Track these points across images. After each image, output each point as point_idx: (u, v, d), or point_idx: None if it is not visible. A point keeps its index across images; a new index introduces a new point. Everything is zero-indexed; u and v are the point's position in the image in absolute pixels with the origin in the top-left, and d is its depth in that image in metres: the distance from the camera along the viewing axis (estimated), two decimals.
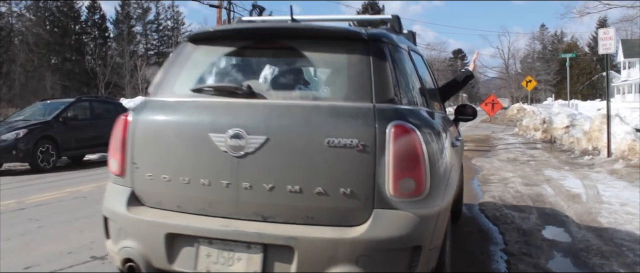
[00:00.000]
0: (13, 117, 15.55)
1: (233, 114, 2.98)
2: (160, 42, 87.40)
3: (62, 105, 14.82)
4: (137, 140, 3.20)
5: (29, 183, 10.74)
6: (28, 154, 13.16)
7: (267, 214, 2.89)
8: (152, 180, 3.13)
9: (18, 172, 13.11)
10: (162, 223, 3.01)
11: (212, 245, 2.93)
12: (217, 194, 2.96)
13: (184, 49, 3.53)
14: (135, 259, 3.07)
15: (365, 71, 2.97)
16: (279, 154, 2.84)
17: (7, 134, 13.11)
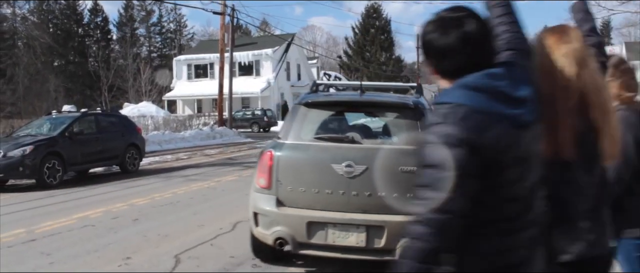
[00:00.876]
0: (20, 131, 15.66)
1: (344, 153, 5.20)
2: (164, 45, 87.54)
3: (68, 120, 14.94)
4: (281, 167, 5.34)
5: (36, 203, 10.84)
6: (35, 171, 13.27)
7: (367, 209, 5.11)
8: (291, 191, 5.30)
9: (24, 188, 13.23)
10: (304, 215, 5.19)
11: (335, 227, 5.13)
12: (336, 198, 5.15)
13: (300, 110, 5.75)
14: (285, 237, 5.23)
15: (415, 125, 5.32)
16: (373, 176, 4.99)
17: (14, 150, 13.21)
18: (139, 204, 10.11)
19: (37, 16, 73.60)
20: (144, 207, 9.78)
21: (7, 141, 14.15)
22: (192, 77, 54.48)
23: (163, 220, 8.57)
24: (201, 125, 32.27)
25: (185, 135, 28.13)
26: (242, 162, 18.15)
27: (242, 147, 26.66)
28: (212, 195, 10.85)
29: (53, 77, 68.25)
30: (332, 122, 5.96)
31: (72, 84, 71.89)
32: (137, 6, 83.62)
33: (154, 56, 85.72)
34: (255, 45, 52.67)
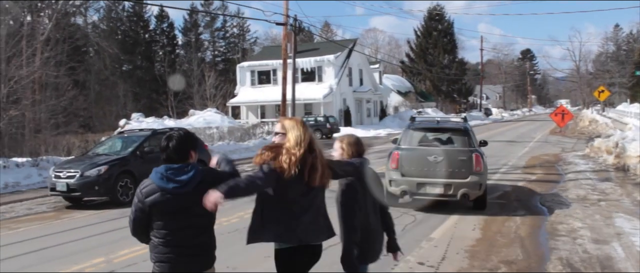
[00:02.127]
0: (95, 150, 16.36)
1: (431, 151, 11.60)
2: (227, 49, 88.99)
3: (139, 139, 15.54)
4: (402, 158, 11.73)
5: (111, 225, 11.36)
6: (109, 189, 13.93)
7: (442, 177, 11.27)
8: (407, 169, 11.63)
9: (98, 204, 13.85)
10: (414, 180, 11.51)
11: (429, 185, 11.47)
12: (428, 172, 11.44)
13: (409, 131, 12.46)
14: (405, 190, 11.58)
15: (467, 139, 11.86)
16: (447, 161, 11.27)
17: (90, 170, 13.89)
18: None
19: (106, 23, 76.14)
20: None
21: (83, 161, 14.83)
22: (255, 83, 55.25)
23: (230, 251, 8.79)
24: (265, 134, 32.76)
25: (250, 144, 28.68)
26: None
27: None
28: None
29: (121, 82, 70.47)
30: (423, 137, 12.37)
31: (139, 88, 73.98)
32: (201, 12, 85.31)
33: (218, 60, 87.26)
34: (318, 51, 53.00)
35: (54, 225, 11.99)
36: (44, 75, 34.00)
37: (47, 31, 38.71)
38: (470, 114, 74.47)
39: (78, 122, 49.21)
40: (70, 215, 13.07)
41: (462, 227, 10.17)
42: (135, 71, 75.50)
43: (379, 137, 44.45)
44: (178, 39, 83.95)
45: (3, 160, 18.49)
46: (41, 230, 11.34)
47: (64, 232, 10.95)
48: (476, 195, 11.38)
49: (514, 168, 19.55)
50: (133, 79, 73.88)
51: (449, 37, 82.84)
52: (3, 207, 14.62)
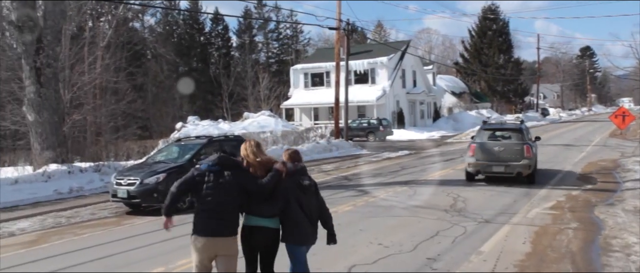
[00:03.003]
0: (153, 157, 16.94)
1: (496, 144, 17.69)
2: (281, 51, 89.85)
3: (196, 147, 16.01)
4: (476, 148, 17.62)
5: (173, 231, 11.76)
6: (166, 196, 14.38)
7: (506, 161, 17.14)
8: (481, 154, 17.51)
9: (157, 211, 14.31)
10: (484, 162, 17.42)
11: (494, 166, 17.31)
12: (495, 157, 17.34)
13: (482, 130, 18.74)
14: (480, 169, 17.65)
15: (521, 135, 17.86)
16: (506, 150, 17.28)
17: (149, 178, 14.43)
18: None
19: (162, 27, 77.91)
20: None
21: (142, 169, 15.38)
22: (308, 86, 55.68)
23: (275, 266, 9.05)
24: (318, 138, 33.09)
25: (303, 149, 29.01)
26: (357, 184, 18.55)
27: (358, 162, 27.12)
28: None
29: (177, 85, 71.98)
30: (491, 134, 18.13)
31: (195, 90, 75.42)
32: (255, 14, 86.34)
33: (272, 62, 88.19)
34: (371, 53, 53.07)
35: (115, 231, 12.52)
36: (105, 80, 35.15)
37: (108, 37, 39.98)
38: (526, 115, 73.25)
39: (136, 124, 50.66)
40: (131, 222, 13.60)
41: (512, 239, 10.19)
42: (190, 73, 76.93)
43: (432, 139, 44.23)
44: (232, 41, 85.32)
45: (68, 166, 19.30)
46: (104, 237, 11.86)
47: (126, 240, 11.43)
48: (527, 172, 17.34)
49: (569, 176, 19.29)
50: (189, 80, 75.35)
51: (505, 37, 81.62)
52: (69, 212, 15.32)
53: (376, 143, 40.28)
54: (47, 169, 18.64)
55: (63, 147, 20.32)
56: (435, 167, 23.18)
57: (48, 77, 19.53)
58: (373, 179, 19.57)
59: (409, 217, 12.23)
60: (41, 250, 10.96)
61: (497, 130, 18.61)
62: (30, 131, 20.53)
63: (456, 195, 14.85)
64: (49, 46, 19.37)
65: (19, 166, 20.90)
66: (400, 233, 10.73)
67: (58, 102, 20.80)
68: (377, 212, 12.83)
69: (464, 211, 12.72)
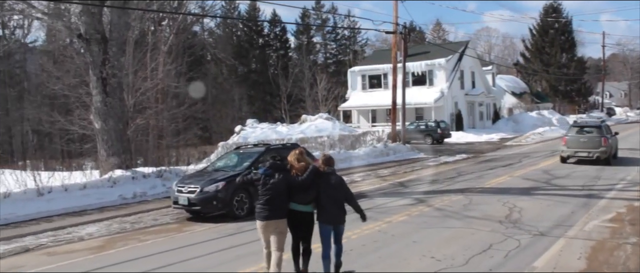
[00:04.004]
0: (213, 165, 17.45)
1: (583, 136, 25.03)
2: (338, 51, 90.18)
3: (254, 155, 16.41)
4: (568, 139, 25.39)
5: (229, 241, 12.23)
6: (226, 204, 14.87)
7: (588, 148, 24.35)
8: (571, 143, 25.09)
9: (216, 218, 14.80)
10: (574, 149, 24.91)
11: (581, 152, 24.57)
12: (581, 146, 24.67)
13: (572, 126, 27.12)
14: (570, 154, 25.13)
15: (600, 130, 25.06)
16: (590, 140, 24.59)
17: (208, 186, 14.90)
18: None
19: (222, 29, 79.32)
20: (314, 260, 9.40)
21: (202, 177, 15.87)
22: (366, 88, 55.81)
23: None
24: (375, 141, 33.21)
25: (360, 153, 29.21)
26: (413, 191, 18.62)
27: (415, 166, 27.14)
28: (382, 241, 11.39)
29: (237, 86, 73.23)
30: (578, 129, 25.72)
31: (254, 91, 76.55)
32: (313, 15, 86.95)
33: (330, 62, 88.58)
34: (428, 54, 52.77)
35: (177, 238, 13.00)
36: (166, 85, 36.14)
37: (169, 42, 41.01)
38: (591, 115, 71.34)
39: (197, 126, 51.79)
40: (192, 228, 14.09)
41: (567, 255, 10.10)
42: (249, 75, 78.13)
43: (491, 142, 43.68)
44: (290, 43, 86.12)
45: (132, 172, 20.04)
46: (166, 244, 12.34)
47: (186, 248, 11.87)
48: (604, 157, 23.91)
49: (633, 184, 18.79)
50: (247, 82, 76.54)
51: (567, 35, 79.74)
52: (133, 217, 15.97)
53: (434, 146, 40.08)
54: (112, 175, 19.41)
55: (127, 153, 21.12)
56: (493, 173, 22.98)
57: (113, 87, 20.36)
58: (429, 186, 19.60)
59: (463, 228, 12.26)
60: (108, 257, 11.52)
61: (583, 126, 26.15)
62: (97, 138, 21.43)
63: (512, 205, 14.73)
64: (114, 57, 20.19)
65: (87, 171, 21.82)
66: (453, 245, 10.80)
67: (122, 111, 21.64)
68: (431, 223, 12.91)
69: (519, 222, 12.64)
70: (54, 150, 42.59)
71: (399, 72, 34.49)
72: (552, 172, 22.23)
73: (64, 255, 11.84)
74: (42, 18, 23.09)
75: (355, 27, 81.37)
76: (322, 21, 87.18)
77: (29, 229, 14.87)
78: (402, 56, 34.44)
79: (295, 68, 72.26)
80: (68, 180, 18.66)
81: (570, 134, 25.45)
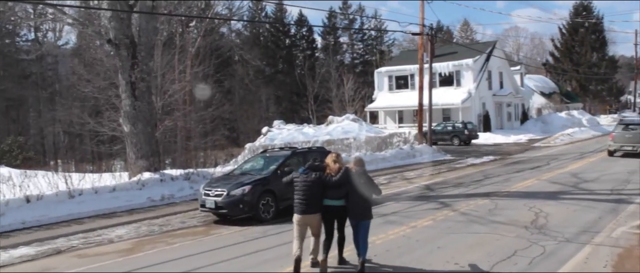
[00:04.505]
0: (241, 167, 17.65)
1: (629, 132, 28.41)
2: (365, 51, 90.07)
3: (280, 159, 16.56)
4: (615, 135, 28.85)
5: (255, 245, 12.38)
6: (252, 207, 15.05)
7: (633, 143, 27.67)
8: (618, 139, 28.48)
9: (243, 221, 14.98)
10: (621, 143, 28.32)
11: (627, 146, 27.89)
12: (628, 141, 27.96)
13: (618, 124, 30.83)
14: (616, 149, 28.50)
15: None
16: (635, 136, 27.84)
17: (235, 189, 15.09)
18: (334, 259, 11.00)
19: (249, 30, 79.77)
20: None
21: (229, 180, 16.06)
22: (393, 88, 55.73)
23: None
24: (402, 143, 33.19)
25: (386, 155, 29.22)
26: (438, 194, 18.61)
27: (441, 168, 27.08)
28: (406, 247, 11.40)
29: (264, 87, 73.63)
30: (625, 126, 29.17)
31: (281, 91, 76.90)
32: (340, 15, 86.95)
33: (357, 62, 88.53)
34: (455, 55, 52.45)
35: (204, 242, 13.20)
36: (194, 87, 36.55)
37: (196, 44, 41.47)
38: (622, 115, 70.27)
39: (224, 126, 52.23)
40: (218, 231, 14.29)
41: (593, 262, 10.03)
42: (276, 75, 78.44)
43: (519, 144, 43.33)
44: (317, 43, 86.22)
45: (160, 175, 20.35)
46: (193, 247, 12.54)
47: (213, 252, 12.04)
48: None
49: None
50: (275, 82, 76.90)
51: (598, 34, 78.62)
52: (161, 220, 16.24)
53: (461, 148, 39.89)
54: (141, 178, 19.73)
55: (156, 156, 21.44)
56: (520, 176, 22.82)
57: (142, 91, 20.68)
58: (454, 189, 19.56)
59: (487, 233, 12.24)
60: (137, 260, 11.76)
61: (628, 124, 29.71)
62: (126, 141, 21.80)
63: (538, 210, 14.64)
64: (142, 62, 20.52)
65: (116, 173, 22.19)
66: (477, 252, 10.81)
67: (151, 114, 21.97)
68: (456, 228, 12.91)
69: (544, 228, 12.56)
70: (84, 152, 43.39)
71: (425, 73, 34.41)
72: (580, 176, 21.99)
73: (94, 258, 12.11)
74: (73, 23, 23.55)
75: (381, 29, 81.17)
76: (349, 21, 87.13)
77: (61, 231, 15.22)
78: (428, 57, 34.35)
79: (322, 68, 72.42)
80: (98, 182, 19.00)
81: (617, 131, 28.83)
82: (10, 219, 15.92)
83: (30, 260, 12.28)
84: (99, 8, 18.74)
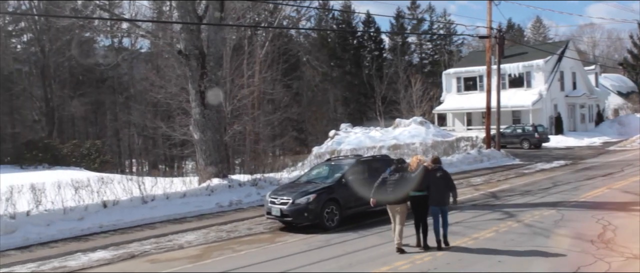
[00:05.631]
0: (308, 174, 18.00)
1: None
2: (434, 51, 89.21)
3: (345, 167, 16.82)
4: None
5: (318, 254, 12.68)
6: (316, 215, 15.37)
7: None
8: None
9: (307, 228, 15.29)
10: None
11: None
12: None
13: None
14: None
15: None
16: None
17: (300, 198, 15.44)
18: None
19: (316, 32, 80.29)
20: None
21: (294, 189, 16.41)
22: (461, 90, 55.10)
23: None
24: (469, 147, 32.87)
25: (453, 160, 29.02)
26: (504, 203, 18.40)
27: (509, 174, 26.68)
28: (467, 260, 11.37)
29: (331, 88, 74.05)
30: None
31: (348, 92, 77.08)
32: (408, 15, 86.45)
33: (425, 63, 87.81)
34: (526, 55, 51.36)
35: (269, 249, 13.59)
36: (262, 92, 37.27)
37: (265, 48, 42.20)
38: None
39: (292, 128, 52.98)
40: (283, 239, 14.66)
41: None
42: (344, 76, 78.64)
43: (593, 147, 42.06)
44: (385, 43, 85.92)
45: (228, 181, 20.96)
46: (259, 255, 12.94)
47: (276, 260, 12.40)
48: None
49: None
50: (342, 83, 77.15)
51: None
52: (228, 226, 16.78)
53: (530, 152, 39.10)
54: (210, 183, 20.38)
55: (224, 162, 22.08)
56: (590, 184, 22.20)
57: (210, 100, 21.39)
58: (521, 198, 19.29)
59: (551, 247, 12.09)
60: (205, 266, 12.30)
61: None
62: (195, 148, 22.55)
63: (607, 223, 14.25)
64: (211, 71, 21.18)
65: (186, 178, 22.97)
66: (539, 267, 10.74)
67: (219, 122, 22.64)
68: (519, 241, 12.79)
69: (611, 243, 12.25)
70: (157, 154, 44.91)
71: (493, 74, 33.91)
72: None
73: (165, 263, 12.69)
74: (145, 35, 24.51)
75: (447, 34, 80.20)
76: (417, 21, 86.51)
77: (134, 235, 15.95)
78: (497, 58, 33.82)
79: (390, 68, 72.14)
80: (169, 188, 19.73)
81: None
82: (89, 223, 16.81)
83: (106, 264, 12.98)
84: (170, 21, 19.47)
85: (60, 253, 14.10)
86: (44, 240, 15.59)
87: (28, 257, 13.85)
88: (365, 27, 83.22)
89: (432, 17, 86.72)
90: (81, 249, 14.39)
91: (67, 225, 16.41)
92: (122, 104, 53.47)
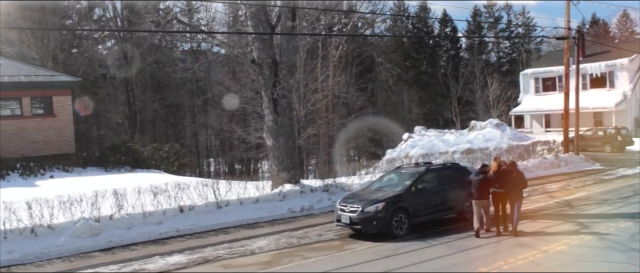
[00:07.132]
0: (379, 182, 18.13)
1: None
2: (512, 50, 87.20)
3: (414, 176, 16.90)
4: None
5: (384, 264, 12.84)
6: (385, 224, 15.54)
7: None
8: None
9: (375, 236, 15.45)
10: None
11: None
12: None
13: None
14: None
15: None
16: None
17: (369, 206, 15.65)
18: None
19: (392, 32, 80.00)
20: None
21: (364, 197, 16.59)
22: (539, 91, 53.73)
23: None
24: (545, 152, 32.10)
25: (528, 164, 28.40)
26: (578, 213, 17.96)
27: (587, 180, 25.90)
28: None
29: (407, 88, 73.64)
30: None
31: (424, 93, 76.43)
32: (485, 13, 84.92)
33: (503, 62, 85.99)
34: (608, 54, 49.48)
35: (337, 257, 13.86)
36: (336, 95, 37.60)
37: (339, 51, 42.51)
38: None
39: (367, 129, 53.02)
40: (352, 247, 14.89)
41: None
42: (420, 76, 77.99)
43: None
44: (461, 42, 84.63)
45: (300, 186, 21.33)
46: (327, 263, 13.25)
47: (345, 268, 12.66)
48: None
49: None
50: (418, 84, 76.54)
51: None
52: (299, 232, 17.11)
53: (612, 156, 37.66)
54: (282, 189, 20.82)
55: (296, 168, 22.51)
56: None
57: (283, 107, 21.83)
58: (597, 207, 18.75)
59: (623, 264, 11.78)
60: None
61: None
62: (269, 154, 23.09)
63: None
64: (283, 79, 21.64)
65: (260, 182, 23.48)
66: None
67: (292, 129, 23.11)
68: (590, 255, 12.54)
69: None
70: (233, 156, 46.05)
71: (572, 75, 32.87)
72: None
73: (237, 269, 13.17)
74: (220, 45, 25.26)
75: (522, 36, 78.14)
76: (494, 20, 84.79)
77: (209, 240, 16.54)
78: (576, 60, 32.78)
79: (466, 68, 71.13)
80: (243, 193, 20.24)
81: None
82: (166, 227, 17.55)
83: (181, 268, 13.60)
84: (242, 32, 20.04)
85: (140, 256, 14.84)
86: (125, 242, 16.41)
87: (110, 259, 14.64)
88: (442, 27, 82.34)
89: (509, 14, 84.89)
90: (159, 252, 15.08)
91: (146, 229, 17.19)
92: (200, 107, 55.06)
